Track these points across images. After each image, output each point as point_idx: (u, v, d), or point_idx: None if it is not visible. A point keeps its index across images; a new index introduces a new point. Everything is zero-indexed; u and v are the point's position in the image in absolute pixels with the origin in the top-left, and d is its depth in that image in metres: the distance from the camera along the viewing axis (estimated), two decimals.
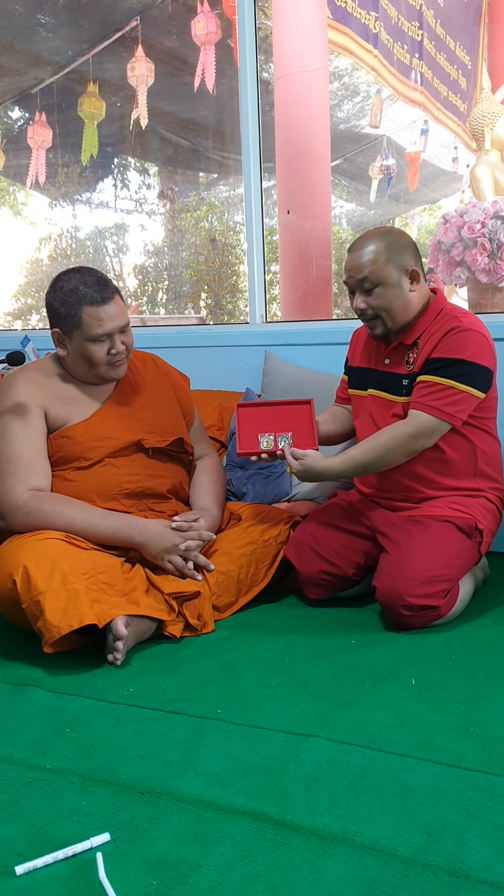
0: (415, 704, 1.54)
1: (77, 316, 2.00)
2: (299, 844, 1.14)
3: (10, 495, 1.94)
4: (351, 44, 4.19)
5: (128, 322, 2.06)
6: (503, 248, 3.40)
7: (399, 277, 2.00)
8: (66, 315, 2.02)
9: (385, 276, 1.99)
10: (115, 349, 2.03)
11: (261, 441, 2.14)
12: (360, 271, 2.00)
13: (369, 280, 2.00)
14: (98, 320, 1.99)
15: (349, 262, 2.04)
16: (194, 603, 1.93)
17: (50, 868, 1.11)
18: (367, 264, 1.99)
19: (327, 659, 1.77)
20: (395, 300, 2.01)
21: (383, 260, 1.99)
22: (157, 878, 1.08)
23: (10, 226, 8.06)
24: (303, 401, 2.18)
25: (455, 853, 1.11)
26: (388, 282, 1.99)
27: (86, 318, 2.00)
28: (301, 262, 4.14)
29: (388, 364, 2.11)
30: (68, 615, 1.68)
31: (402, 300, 2.01)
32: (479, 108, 3.99)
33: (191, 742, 1.42)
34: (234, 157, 6.30)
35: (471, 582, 2.08)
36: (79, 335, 2.02)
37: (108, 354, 2.04)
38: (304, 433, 2.13)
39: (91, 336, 2.00)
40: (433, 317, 2.03)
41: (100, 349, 2.02)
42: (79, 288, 2.00)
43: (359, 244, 2.03)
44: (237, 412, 2.19)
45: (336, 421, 2.32)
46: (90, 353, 2.02)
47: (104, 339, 2.02)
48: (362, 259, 2.00)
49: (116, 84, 5.58)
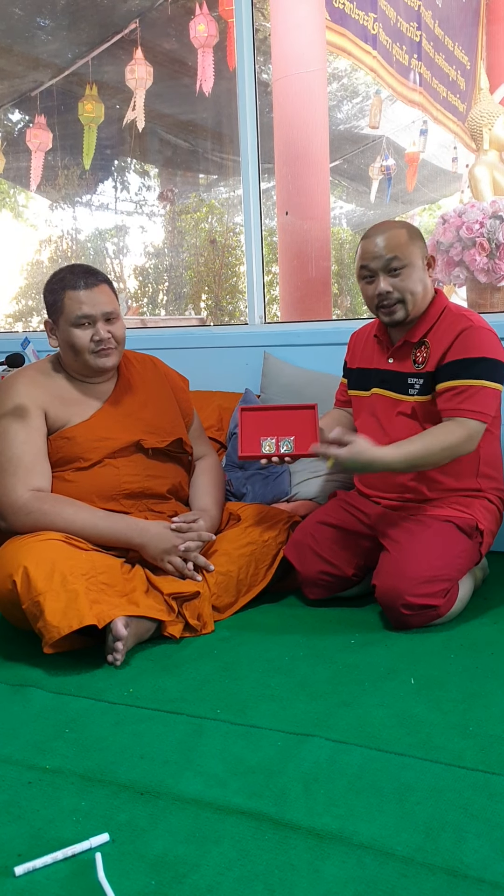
0: (414, 704, 1.55)
1: (60, 301, 2.04)
2: (298, 844, 1.14)
3: (11, 496, 1.95)
4: (349, 45, 4.19)
5: (115, 312, 2.07)
6: (502, 248, 3.40)
7: (422, 262, 2.03)
8: (53, 303, 2.06)
9: (413, 258, 2.01)
10: (98, 336, 2.04)
11: (263, 445, 2.14)
12: (391, 251, 2.00)
13: (399, 259, 2.00)
14: (78, 303, 2.02)
15: (371, 246, 2.02)
16: (194, 603, 1.93)
17: (49, 868, 1.11)
18: (395, 245, 2.00)
19: (326, 659, 1.77)
20: (418, 283, 2.02)
21: (408, 241, 2.01)
22: (155, 878, 1.08)
23: (10, 228, 8.07)
24: (307, 405, 2.18)
25: (453, 852, 1.11)
26: (416, 263, 2.01)
27: (67, 302, 2.03)
28: (300, 263, 4.15)
29: (393, 363, 2.11)
30: (68, 616, 1.68)
31: (423, 285, 2.03)
32: (478, 109, 3.99)
33: (190, 742, 1.43)
34: (233, 158, 6.31)
35: (470, 582, 2.08)
36: (63, 321, 2.05)
37: (92, 342, 2.04)
38: (307, 437, 2.13)
39: (72, 319, 2.02)
40: (437, 315, 2.04)
41: (82, 335, 2.03)
42: (65, 276, 2.06)
43: (379, 229, 2.04)
44: (240, 415, 2.19)
45: (338, 425, 2.31)
46: (73, 338, 2.04)
47: (85, 323, 2.03)
48: (388, 241, 2.00)
49: (115, 86, 5.59)
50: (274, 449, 2.12)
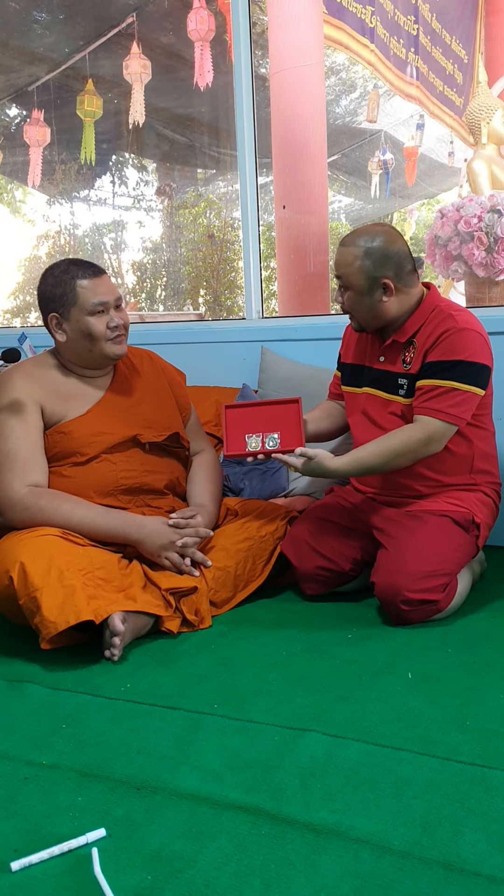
0: (411, 698, 1.55)
1: (73, 291, 2.03)
2: (295, 839, 1.14)
3: (8, 491, 1.94)
4: (347, 38, 4.18)
5: (121, 298, 2.11)
6: (500, 242, 3.39)
7: (369, 287, 1.99)
8: (62, 295, 2.04)
9: (353, 283, 2.00)
10: (113, 322, 2.05)
11: (248, 442, 2.13)
12: (337, 269, 2.04)
13: (343, 280, 2.03)
14: (93, 291, 2.03)
15: (336, 256, 2.06)
16: (192, 598, 1.93)
17: (45, 864, 1.11)
18: (342, 266, 2.01)
19: (324, 653, 1.77)
20: (360, 307, 2.03)
21: (357, 266, 1.98)
22: (152, 873, 1.08)
23: (8, 223, 8.06)
24: (290, 400, 2.17)
25: (450, 846, 1.11)
26: (357, 289, 2.01)
27: (81, 291, 2.03)
28: (298, 258, 4.14)
29: (384, 362, 2.10)
30: (65, 611, 1.68)
31: (367, 309, 2.02)
32: (476, 102, 3.98)
33: (187, 737, 1.43)
34: (231, 153, 6.30)
35: (468, 576, 2.08)
36: (77, 311, 2.04)
37: (108, 329, 2.05)
38: (291, 432, 2.12)
39: (89, 308, 2.03)
40: (427, 314, 2.02)
41: (99, 322, 2.04)
42: (70, 268, 2.06)
43: (345, 241, 2.04)
44: (224, 414, 2.18)
45: (330, 417, 2.31)
46: (90, 327, 2.04)
47: (101, 310, 2.04)
48: (340, 258, 2.02)
49: (112, 80, 5.58)
50: (260, 446, 2.12)
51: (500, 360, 2.16)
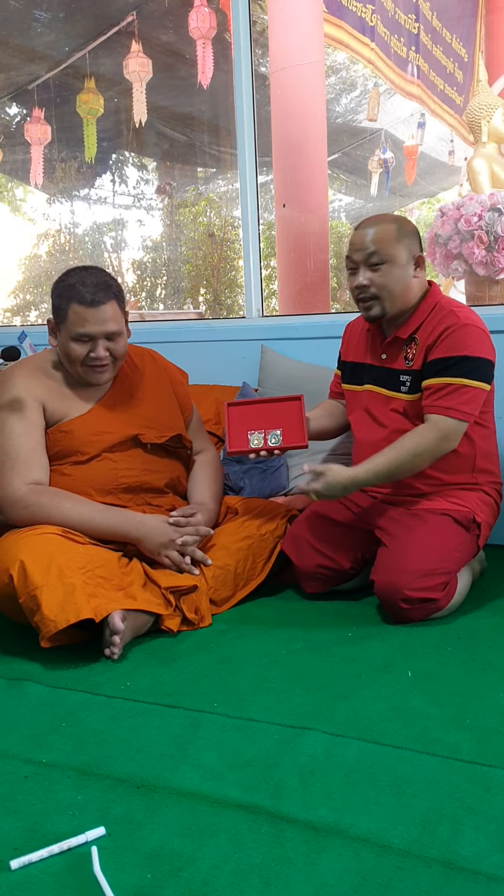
0: (411, 696, 1.54)
1: (65, 311, 2.01)
2: (294, 837, 1.14)
3: (9, 489, 1.94)
4: (347, 37, 4.18)
5: (119, 331, 2.04)
6: (500, 241, 3.39)
7: (406, 259, 2.00)
8: (58, 308, 2.04)
9: (394, 255, 1.99)
10: (95, 353, 2.01)
11: (250, 439, 2.13)
12: (370, 246, 1.99)
13: (378, 255, 1.99)
14: (82, 320, 1.99)
15: (358, 238, 2.02)
16: (192, 597, 1.93)
17: (45, 862, 1.11)
18: (379, 240, 1.98)
19: (323, 652, 1.77)
20: (398, 281, 2.00)
21: (394, 238, 1.99)
22: (151, 872, 1.08)
23: (8, 222, 8.06)
24: (293, 397, 2.17)
25: (450, 845, 1.11)
26: (397, 261, 1.99)
27: (71, 316, 2.00)
28: (298, 257, 4.14)
29: (385, 359, 2.10)
30: (65, 610, 1.68)
31: (403, 283, 2.01)
32: (476, 101, 3.97)
33: (186, 735, 1.42)
34: (231, 151, 6.29)
35: (468, 574, 2.08)
36: (64, 330, 2.03)
37: (87, 357, 2.03)
38: (293, 429, 2.12)
39: (73, 334, 2.00)
40: (429, 311, 2.02)
41: (79, 349, 2.02)
42: (76, 285, 2.00)
43: (370, 222, 2.03)
44: (227, 411, 2.18)
45: (331, 416, 2.31)
46: (69, 349, 2.03)
47: (85, 340, 2.01)
48: (374, 235, 1.99)
49: (113, 79, 5.57)
50: (262, 443, 2.12)
51: (500, 358, 2.16)
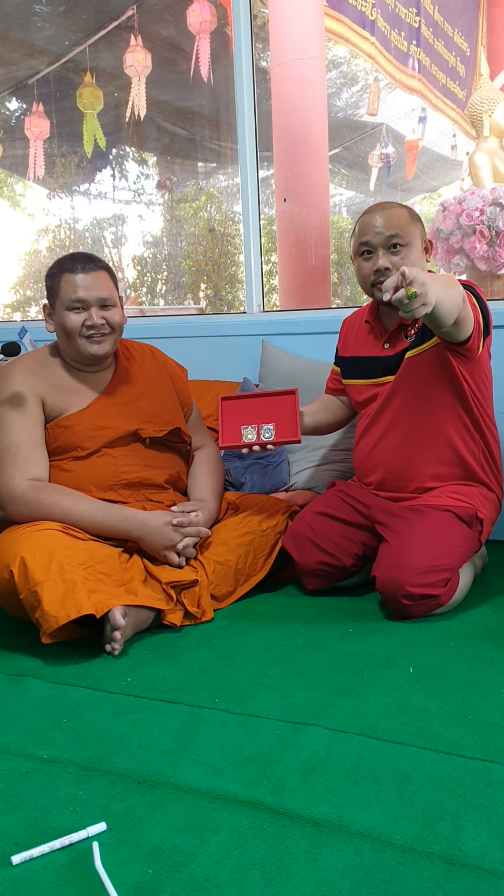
0: (412, 692, 1.54)
1: (58, 284, 2.04)
2: (296, 833, 1.14)
3: (9, 485, 1.94)
4: (347, 31, 4.16)
5: (111, 298, 2.06)
6: (502, 236, 3.38)
7: (421, 244, 2.02)
8: (51, 286, 2.06)
9: (414, 238, 2.00)
10: (90, 321, 2.02)
11: (244, 433, 2.13)
12: (392, 228, 1.98)
13: (400, 237, 1.98)
14: (73, 286, 2.02)
15: (372, 221, 2.00)
16: (193, 591, 1.93)
17: (46, 857, 1.11)
18: (397, 223, 1.98)
19: (325, 648, 1.77)
20: (418, 263, 2.00)
21: (410, 221, 2.00)
22: (153, 867, 1.08)
23: (8, 217, 8.03)
24: (287, 391, 2.17)
25: (451, 840, 1.11)
26: (416, 245, 2.00)
27: (62, 285, 2.03)
28: (298, 251, 4.13)
29: (389, 348, 2.10)
30: (66, 605, 1.68)
31: (422, 267, 2.01)
32: (478, 95, 3.95)
33: (188, 731, 1.42)
34: (231, 146, 6.27)
35: (470, 570, 2.07)
36: (59, 305, 2.05)
37: (84, 326, 2.03)
38: (287, 424, 2.12)
39: (66, 303, 2.03)
40: None
41: (75, 318, 2.03)
42: (66, 260, 2.06)
43: (383, 206, 2.02)
44: (221, 405, 2.18)
45: (328, 411, 2.31)
46: (66, 321, 2.03)
47: (79, 307, 2.03)
48: (391, 218, 1.99)
49: (113, 73, 5.55)
50: (255, 437, 2.12)
51: (500, 356, 2.16)
